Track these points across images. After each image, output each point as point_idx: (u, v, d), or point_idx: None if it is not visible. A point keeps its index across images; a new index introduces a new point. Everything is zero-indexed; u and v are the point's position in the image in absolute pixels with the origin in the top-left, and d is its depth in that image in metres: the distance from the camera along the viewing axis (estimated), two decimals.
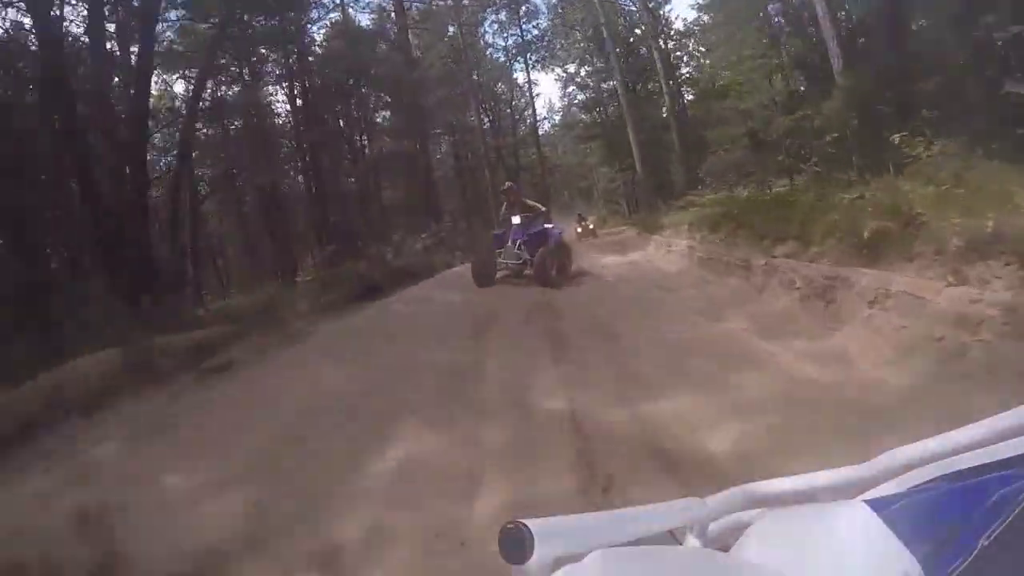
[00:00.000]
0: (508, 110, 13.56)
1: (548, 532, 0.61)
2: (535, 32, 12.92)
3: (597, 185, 13.99)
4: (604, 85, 12.98)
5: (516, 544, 0.59)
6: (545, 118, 13.65)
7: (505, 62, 13.30)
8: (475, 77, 13.18)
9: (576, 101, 13.46)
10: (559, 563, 0.60)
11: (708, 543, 0.81)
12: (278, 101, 12.59)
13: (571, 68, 13.23)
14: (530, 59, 13.01)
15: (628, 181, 13.40)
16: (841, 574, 0.65)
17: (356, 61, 12.34)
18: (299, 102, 12.41)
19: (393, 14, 12.34)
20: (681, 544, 0.80)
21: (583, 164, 14.05)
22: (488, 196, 12.92)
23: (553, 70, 13.26)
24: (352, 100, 12.65)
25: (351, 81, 12.44)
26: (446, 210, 12.95)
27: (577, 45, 12.93)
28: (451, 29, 12.96)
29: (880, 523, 0.67)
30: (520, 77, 13.34)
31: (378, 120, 13.10)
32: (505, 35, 13.09)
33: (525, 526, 0.59)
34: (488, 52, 13.35)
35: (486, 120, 13.37)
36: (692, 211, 9.18)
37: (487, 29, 13.02)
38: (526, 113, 13.70)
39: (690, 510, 0.80)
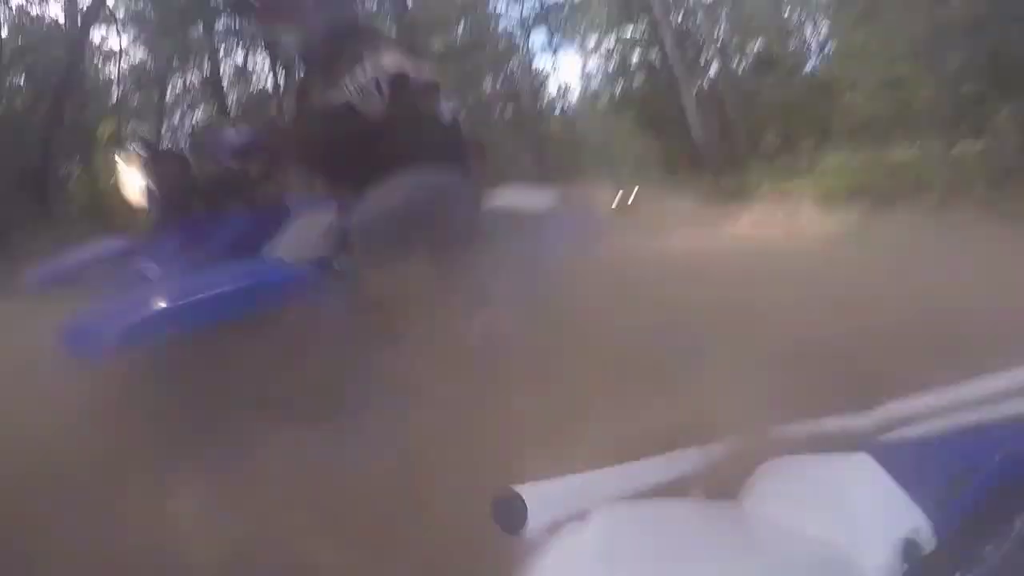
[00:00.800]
0: (527, 84, 12.03)
1: (543, 497, 0.60)
2: None
3: (621, 162, 12.71)
4: (633, 56, 11.89)
5: (510, 514, 0.57)
6: (563, 95, 12.31)
7: (521, 31, 11.86)
8: (487, 48, 11.60)
9: (597, 75, 12.24)
10: (559, 526, 0.58)
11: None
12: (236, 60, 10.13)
13: (592, 41, 12.07)
14: (551, 24, 11.68)
15: (660, 157, 12.21)
16: (850, 524, 0.62)
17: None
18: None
19: None
20: (686, 496, 0.77)
21: (605, 143, 12.75)
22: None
23: (572, 42, 12.02)
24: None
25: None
26: None
27: (602, 10, 11.84)
28: None
29: (886, 475, 0.65)
30: (537, 42, 11.93)
31: None
32: (520, 1, 11.71)
33: (517, 495, 0.59)
34: (501, 22, 11.85)
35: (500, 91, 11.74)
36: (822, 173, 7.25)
37: None
38: (543, 89, 12.24)
39: (692, 460, 0.79)
